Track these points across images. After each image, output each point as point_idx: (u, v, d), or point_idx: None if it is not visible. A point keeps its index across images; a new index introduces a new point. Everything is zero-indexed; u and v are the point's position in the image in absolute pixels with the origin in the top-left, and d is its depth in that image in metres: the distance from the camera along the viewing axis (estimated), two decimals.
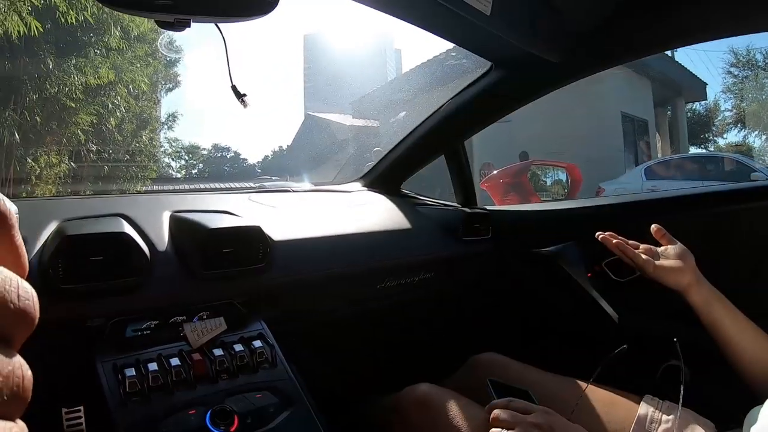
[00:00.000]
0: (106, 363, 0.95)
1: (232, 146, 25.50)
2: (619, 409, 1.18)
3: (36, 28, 6.65)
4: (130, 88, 8.81)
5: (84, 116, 8.13)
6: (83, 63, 7.82)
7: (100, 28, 7.95)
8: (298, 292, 1.34)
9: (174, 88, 11.90)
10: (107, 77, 8.10)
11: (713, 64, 19.71)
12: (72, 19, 7.22)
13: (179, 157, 13.15)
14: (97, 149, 8.84)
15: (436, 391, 1.18)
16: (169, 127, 12.18)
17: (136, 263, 1.02)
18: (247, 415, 0.94)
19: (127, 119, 9.25)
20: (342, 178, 2.14)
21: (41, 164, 7.59)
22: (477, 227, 1.82)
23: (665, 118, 15.34)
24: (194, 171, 14.87)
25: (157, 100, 11.04)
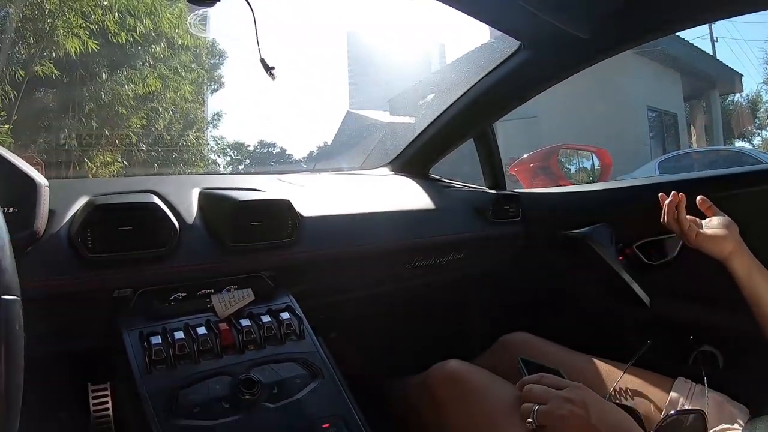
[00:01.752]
0: (132, 332, 0.92)
1: (277, 142, 25.83)
2: (651, 391, 1.13)
3: (91, 47, 7.16)
4: (176, 92, 9.13)
5: (135, 120, 8.59)
6: (133, 74, 8.34)
7: (147, 41, 8.37)
8: (326, 269, 1.30)
9: (219, 88, 12.08)
10: (154, 85, 8.56)
11: (754, 55, 18.92)
12: (122, 39, 7.73)
13: (225, 154, 13.33)
14: (147, 149, 9.15)
15: (466, 367, 1.12)
16: (214, 125, 12.46)
17: (164, 234, 0.99)
18: (273, 385, 0.90)
19: (174, 120, 9.63)
20: (370, 164, 2.10)
21: (97, 164, 7.95)
22: (507, 209, 1.77)
23: (700, 111, 14.91)
24: (240, 167, 15.04)
25: (202, 101, 11.35)
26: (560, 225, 1.73)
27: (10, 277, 0.45)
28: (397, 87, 19.00)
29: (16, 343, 0.43)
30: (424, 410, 1.15)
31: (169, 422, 0.80)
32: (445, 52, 68.06)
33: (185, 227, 1.05)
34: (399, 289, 1.56)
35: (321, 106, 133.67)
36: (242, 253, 1.09)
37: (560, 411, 0.89)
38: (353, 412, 0.92)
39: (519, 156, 5.49)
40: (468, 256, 1.66)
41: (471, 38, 12.63)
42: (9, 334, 0.43)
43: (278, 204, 1.15)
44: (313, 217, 1.25)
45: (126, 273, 0.97)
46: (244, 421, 0.83)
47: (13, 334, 0.43)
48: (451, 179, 1.95)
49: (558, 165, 5.06)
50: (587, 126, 10.37)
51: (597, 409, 0.89)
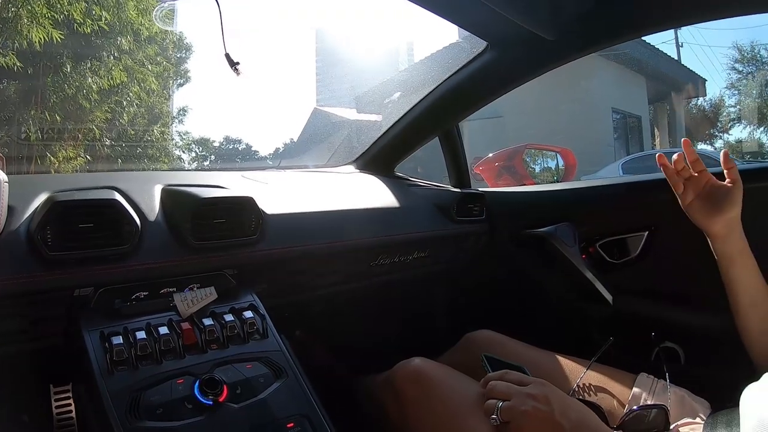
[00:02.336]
0: (93, 332, 0.90)
1: (243, 138, 25.41)
2: (614, 387, 1.14)
3: (56, 37, 6.97)
4: (141, 85, 8.96)
5: (99, 114, 8.37)
6: (98, 66, 8.11)
7: (113, 33, 8.19)
8: (289, 267, 1.29)
9: (185, 83, 11.86)
10: (120, 78, 8.36)
11: (718, 61, 19.40)
12: (87, 28, 7.56)
13: (190, 150, 13.12)
14: (111, 144, 8.97)
15: (430, 365, 1.12)
16: (180, 120, 12.25)
17: (126, 232, 0.97)
18: (237, 385, 0.89)
19: (139, 115, 9.45)
20: (335, 161, 2.09)
21: (59, 158, 7.77)
22: (471, 208, 1.78)
23: (664, 114, 15.21)
24: (206, 163, 14.81)
25: (168, 96, 11.15)
26: (524, 224, 1.74)
27: None
28: (365, 84, 18.96)
29: None
30: (389, 408, 1.14)
31: (132, 424, 0.78)
32: (413, 51, 68.13)
33: (147, 225, 1.03)
34: (363, 286, 1.56)
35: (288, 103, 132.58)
36: (205, 251, 1.07)
37: (523, 407, 0.89)
38: (318, 410, 0.91)
39: (484, 155, 5.54)
40: (432, 254, 1.67)
41: (439, 38, 12.66)
42: None
43: (241, 201, 1.13)
44: (277, 215, 1.24)
45: (86, 272, 0.94)
46: (208, 422, 0.82)
47: None
48: (416, 177, 1.96)
49: (523, 164, 5.12)
50: (553, 126, 10.47)
51: (560, 404, 0.90)
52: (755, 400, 0.86)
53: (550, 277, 1.74)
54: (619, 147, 12.46)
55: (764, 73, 15.24)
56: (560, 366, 1.22)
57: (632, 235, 1.57)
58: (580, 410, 0.93)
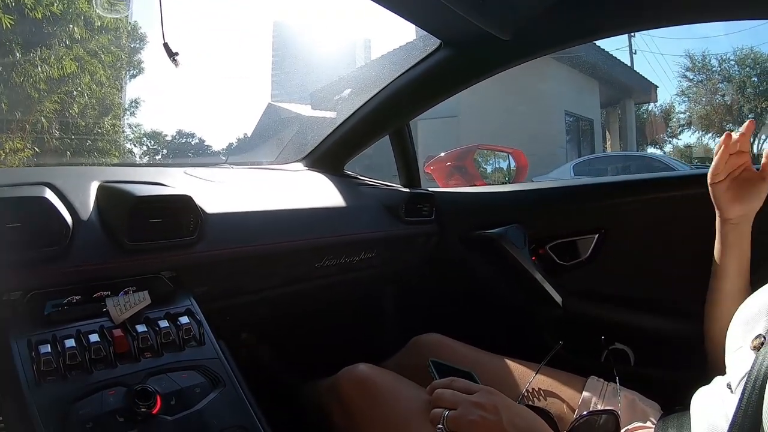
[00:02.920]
0: (21, 340, 0.84)
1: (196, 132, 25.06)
2: (564, 392, 1.13)
3: (5, 23, 6.74)
4: (93, 76, 8.74)
5: (48, 104, 8.18)
6: (48, 54, 7.87)
7: (65, 20, 7.94)
8: (231, 268, 1.24)
9: (138, 74, 11.64)
10: (70, 68, 8.14)
11: (670, 68, 20.12)
12: (39, 14, 7.31)
13: (141, 143, 12.90)
14: (60, 135, 8.71)
15: (375, 371, 1.10)
16: (132, 113, 12.06)
17: (56, 231, 0.92)
18: (171, 395, 0.84)
19: (90, 106, 9.25)
20: (284, 158, 2.04)
21: (6, 150, 7.51)
22: (420, 208, 1.76)
23: (615, 118, 15.60)
24: (157, 157, 14.57)
25: (120, 87, 10.91)
26: (474, 225, 1.74)
27: None
28: (321, 80, 18.91)
29: None
30: (334, 415, 1.12)
31: None
32: (370, 49, 68.34)
33: (79, 224, 0.98)
34: (309, 288, 1.52)
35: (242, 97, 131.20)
36: (140, 252, 1.02)
37: (470, 416, 0.87)
38: (257, 421, 0.87)
39: (437, 154, 5.56)
40: (380, 255, 1.64)
41: (397, 36, 12.73)
42: None
43: (179, 200, 1.08)
44: (218, 214, 1.19)
45: (14, 274, 0.89)
46: None
47: None
48: (365, 176, 1.93)
49: (474, 165, 5.16)
50: (506, 127, 10.63)
51: (508, 413, 0.89)
52: (706, 406, 0.87)
53: (499, 279, 1.73)
54: (571, 149, 12.74)
55: (714, 81, 15.85)
56: (509, 370, 1.21)
57: (582, 237, 1.58)
58: (528, 418, 0.92)
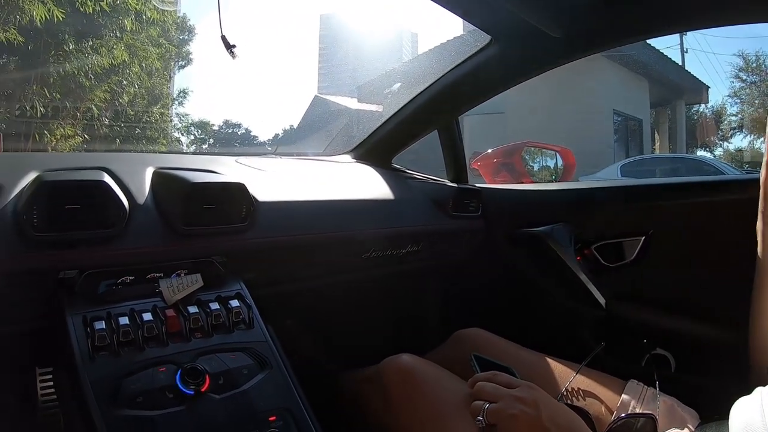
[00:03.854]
0: (76, 316, 0.88)
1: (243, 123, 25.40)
2: (603, 393, 1.12)
3: (58, 15, 7.02)
4: (143, 65, 8.97)
5: (98, 93, 8.53)
6: (99, 45, 8.19)
7: (116, 12, 8.24)
8: (280, 256, 1.27)
9: (186, 65, 11.92)
10: (121, 57, 8.43)
11: (722, 68, 19.30)
12: (89, 8, 7.62)
13: (189, 132, 13.16)
14: (109, 123, 8.96)
15: (417, 362, 1.10)
16: (180, 103, 12.33)
17: (113, 214, 0.96)
18: (219, 375, 0.87)
19: (139, 95, 9.51)
20: (332, 150, 2.06)
21: (57, 136, 7.77)
22: (467, 204, 1.75)
23: (665, 119, 15.21)
24: (204, 146, 14.84)
25: (169, 78, 11.20)
26: (520, 222, 1.73)
27: None
28: (368, 74, 18.99)
29: None
30: (374, 404, 1.14)
31: (111, 412, 0.77)
32: (417, 43, 68.10)
33: (136, 208, 1.01)
34: (354, 279, 1.54)
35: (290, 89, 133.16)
36: (193, 237, 1.06)
37: (511, 410, 0.88)
38: (301, 404, 0.89)
39: (483, 151, 5.51)
40: (425, 249, 1.64)
41: (444, 30, 12.68)
42: None
43: (232, 187, 1.12)
44: (269, 203, 1.22)
45: (72, 254, 0.93)
46: (188, 412, 0.80)
47: None
48: (413, 170, 1.94)
49: (521, 162, 5.09)
50: (553, 125, 10.48)
51: (548, 409, 0.89)
52: (745, 416, 0.85)
53: (543, 277, 1.72)
54: (619, 149, 12.48)
55: None
56: (550, 369, 1.20)
57: (628, 239, 1.55)
58: (567, 416, 0.92)
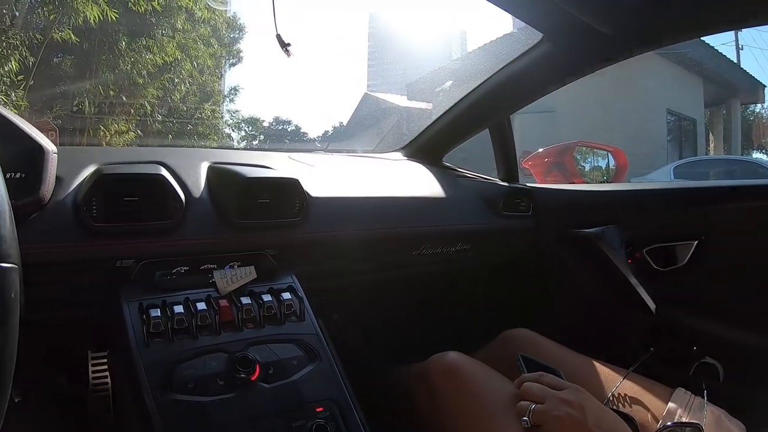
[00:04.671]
0: (132, 303, 0.92)
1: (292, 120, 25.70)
2: (650, 400, 1.09)
3: (111, 15, 7.23)
4: (194, 63, 9.18)
5: (151, 90, 8.77)
6: (152, 44, 8.44)
7: (168, 12, 8.49)
8: (331, 251, 1.28)
9: (237, 63, 12.11)
10: (173, 56, 8.71)
11: None
12: (141, 8, 7.85)
13: (239, 129, 13.38)
14: (162, 119, 9.20)
15: (464, 360, 1.10)
16: (231, 99, 12.55)
17: (170, 207, 0.99)
18: (270, 365, 0.90)
19: (191, 92, 9.71)
20: (383, 147, 2.07)
21: (111, 131, 8.01)
22: (518, 203, 1.74)
23: (720, 119, 14.73)
24: (254, 142, 15.05)
25: (220, 75, 11.42)
26: (571, 223, 1.70)
27: (9, 245, 0.44)
28: (417, 72, 18.94)
29: (10, 311, 0.43)
30: (420, 400, 1.13)
31: (163, 396, 0.80)
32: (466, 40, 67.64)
33: (192, 201, 1.05)
34: (404, 276, 1.54)
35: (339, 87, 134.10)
36: (247, 230, 1.08)
37: (556, 412, 0.87)
38: (348, 397, 0.91)
39: (533, 149, 5.43)
40: (475, 248, 1.63)
41: (493, 28, 12.58)
42: (4, 302, 0.43)
43: (286, 182, 1.14)
44: (321, 198, 1.23)
45: (130, 244, 0.96)
46: (238, 399, 0.83)
47: (7, 302, 0.43)
48: (463, 169, 1.93)
49: (573, 162, 4.99)
50: (605, 124, 10.25)
51: (594, 413, 0.88)
52: None
53: (593, 279, 1.69)
54: (672, 150, 12.14)
55: None
56: (596, 373, 1.19)
57: (681, 243, 1.52)
58: (613, 421, 0.91)
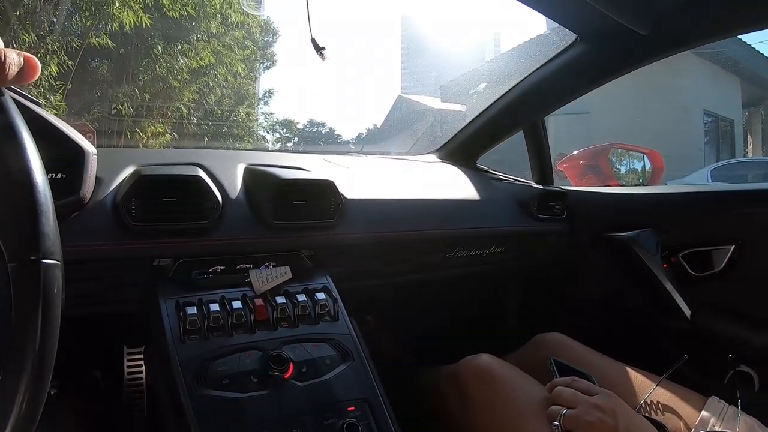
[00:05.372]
0: (169, 300, 0.94)
1: (326, 122, 25.90)
2: (682, 408, 1.08)
3: (145, 21, 7.37)
4: (229, 67, 9.32)
5: (187, 93, 8.91)
6: (187, 48, 8.62)
7: (202, 17, 8.61)
8: (365, 252, 1.29)
9: (271, 66, 12.30)
10: (208, 60, 8.85)
11: None
12: (176, 13, 8.01)
13: (274, 131, 13.50)
14: (198, 122, 9.35)
15: (496, 362, 1.11)
16: (265, 102, 12.66)
17: (208, 207, 1.01)
18: (303, 364, 0.91)
19: (226, 95, 9.84)
20: (417, 149, 2.08)
21: (148, 134, 8.16)
22: (552, 206, 1.73)
23: (758, 119, 14.36)
24: (289, 144, 15.16)
25: (254, 78, 11.54)
26: (606, 226, 1.68)
27: (52, 242, 0.46)
28: (450, 74, 18.81)
29: (53, 306, 0.45)
30: (451, 402, 1.14)
31: (198, 392, 0.82)
32: (499, 42, 67.19)
33: (228, 202, 1.06)
34: (437, 277, 1.54)
35: (372, 89, 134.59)
36: (283, 231, 1.10)
37: (588, 417, 0.87)
38: (380, 397, 0.92)
39: (568, 152, 5.37)
40: (509, 251, 1.63)
41: (527, 28, 12.46)
42: (47, 297, 0.44)
43: (322, 184, 1.15)
44: (356, 200, 1.24)
45: (167, 243, 0.99)
46: (271, 396, 0.84)
47: (50, 297, 0.45)
48: (498, 171, 1.92)
49: (608, 164, 4.92)
50: (640, 126, 10.08)
51: (626, 419, 0.88)
52: None
53: (627, 284, 1.68)
54: (709, 152, 11.88)
55: None
56: (629, 379, 1.18)
57: (718, 247, 1.49)
58: (645, 428, 0.91)
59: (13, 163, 0.45)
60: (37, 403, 0.44)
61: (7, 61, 0.44)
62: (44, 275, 0.45)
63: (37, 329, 0.44)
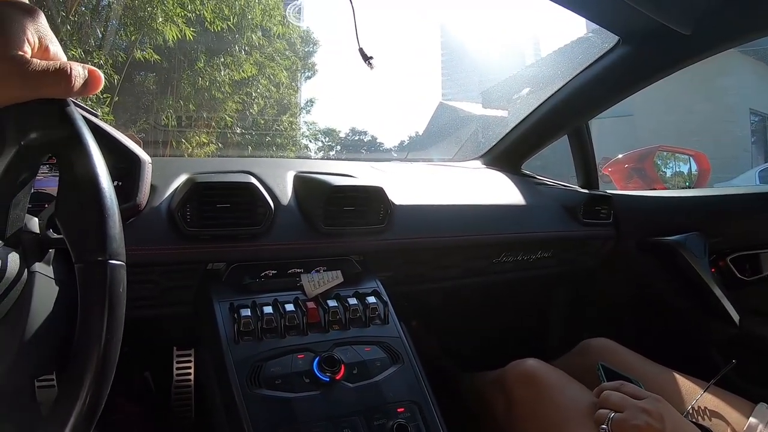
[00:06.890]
0: (223, 303, 0.97)
1: (368, 130, 25.96)
2: (730, 414, 1.06)
3: (188, 34, 7.55)
4: (271, 78, 9.44)
5: (230, 104, 9.04)
6: (230, 60, 8.77)
7: (243, 29, 8.76)
8: (413, 257, 1.31)
9: (312, 75, 12.42)
10: (250, 71, 9.01)
11: None
12: (217, 27, 8.16)
13: (317, 139, 13.62)
14: (241, 132, 9.52)
15: (543, 367, 1.10)
16: (307, 111, 12.78)
17: (260, 213, 1.04)
18: (354, 365, 0.93)
19: (268, 105, 10.00)
20: (461, 156, 2.08)
21: (193, 144, 8.33)
22: (598, 210, 1.71)
23: None
24: (331, 152, 15.26)
25: (296, 88, 11.69)
26: (652, 230, 1.66)
27: (119, 244, 0.48)
28: (491, 79, 18.67)
29: (118, 304, 0.47)
30: (497, 406, 1.14)
31: (251, 391, 0.84)
32: (539, 45, 66.58)
33: (280, 208, 1.09)
34: (484, 282, 1.54)
35: (413, 96, 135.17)
36: (333, 236, 1.12)
37: (636, 421, 0.87)
38: (429, 399, 0.93)
39: (612, 155, 5.29)
40: (556, 256, 1.62)
41: (567, 31, 12.33)
42: (113, 295, 0.46)
43: (372, 190, 1.16)
44: (405, 206, 1.26)
45: (220, 248, 1.01)
46: (322, 397, 0.86)
47: (116, 296, 0.46)
48: (543, 176, 1.92)
49: (653, 167, 4.81)
50: (685, 127, 9.84)
51: (674, 424, 0.87)
52: None
53: (675, 288, 1.65)
54: (757, 153, 11.50)
55: None
56: (676, 384, 1.16)
57: (767, 251, 1.45)
58: None
59: (81, 169, 0.48)
60: (99, 402, 0.46)
61: (72, 73, 0.47)
62: (111, 275, 0.46)
63: (102, 328, 0.46)
